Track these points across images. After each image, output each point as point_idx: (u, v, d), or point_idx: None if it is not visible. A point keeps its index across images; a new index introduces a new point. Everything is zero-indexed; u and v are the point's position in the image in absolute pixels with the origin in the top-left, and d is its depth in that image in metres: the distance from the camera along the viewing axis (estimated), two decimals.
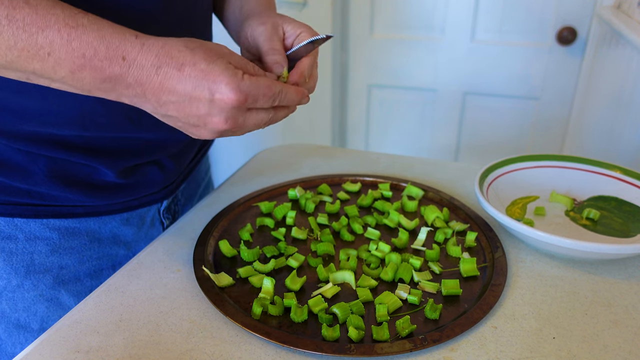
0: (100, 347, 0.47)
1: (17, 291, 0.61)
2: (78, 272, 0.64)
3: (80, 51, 0.41)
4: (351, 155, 0.88)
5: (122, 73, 0.43)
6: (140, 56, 0.43)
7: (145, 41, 0.43)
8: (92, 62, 0.42)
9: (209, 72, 0.44)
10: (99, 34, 0.42)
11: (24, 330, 0.63)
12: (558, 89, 1.67)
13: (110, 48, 0.42)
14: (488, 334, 0.48)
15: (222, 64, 0.44)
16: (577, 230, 0.64)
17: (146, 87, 0.44)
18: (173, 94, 0.44)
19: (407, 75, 1.81)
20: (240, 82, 0.44)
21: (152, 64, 0.43)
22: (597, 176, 0.71)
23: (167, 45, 0.44)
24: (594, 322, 0.50)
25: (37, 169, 0.57)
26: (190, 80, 0.44)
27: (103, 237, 0.66)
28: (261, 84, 0.46)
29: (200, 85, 0.44)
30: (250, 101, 0.46)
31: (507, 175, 0.71)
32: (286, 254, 0.60)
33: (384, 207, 0.69)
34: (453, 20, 1.68)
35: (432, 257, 0.59)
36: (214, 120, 0.45)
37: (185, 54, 0.44)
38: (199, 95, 0.44)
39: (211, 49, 0.45)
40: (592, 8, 1.54)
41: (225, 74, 0.44)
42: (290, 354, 0.46)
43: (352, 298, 0.53)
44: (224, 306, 0.51)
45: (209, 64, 0.44)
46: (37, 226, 0.60)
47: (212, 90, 0.44)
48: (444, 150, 1.89)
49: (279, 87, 0.48)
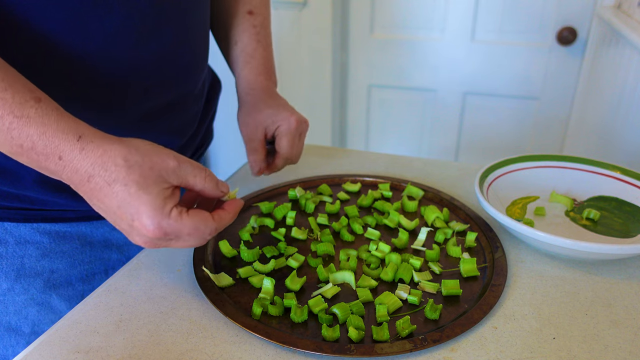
0: (100, 347, 0.47)
1: (8, 295, 0.61)
2: (69, 276, 0.64)
3: (18, 141, 0.41)
4: (351, 156, 0.88)
5: (57, 170, 0.43)
6: (76, 161, 0.43)
7: (86, 146, 0.43)
8: (29, 153, 0.42)
9: (136, 198, 0.43)
10: (42, 129, 0.42)
11: (15, 334, 0.63)
12: (558, 89, 1.67)
13: (48, 146, 0.42)
14: (488, 334, 0.48)
15: (153, 193, 0.43)
16: (577, 230, 0.64)
17: (78, 188, 0.44)
18: (101, 202, 0.44)
19: (407, 75, 1.80)
20: (162, 220, 0.44)
21: (86, 171, 0.43)
22: (597, 176, 0.71)
23: (105, 155, 0.43)
24: (594, 322, 0.50)
25: (26, 173, 0.57)
26: (117, 199, 0.43)
27: (95, 241, 0.65)
28: (186, 225, 0.45)
29: (124, 207, 0.43)
30: (173, 237, 0.45)
31: (507, 176, 0.71)
32: (286, 254, 0.60)
33: (384, 207, 0.69)
34: (453, 20, 1.68)
35: (432, 257, 0.59)
36: (136, 239, 0.46)
37: (120, 170, 0.43)
38: (121, 214, 0.44)
39: (151, 167, 0.44)
40: (592, 8, 1.53)
41: (149, 206, 0.43)
42: (290, 354, 0.46)
43: (352, 298, 0.53)
44: (224, 306, 0.51)
45: (139, 190, 0.43)
46: (27, 230, 0.60)
47: (132, 217, 0.43)
48: (444, 150, 1.89)
49: (209, 227, 0.47)
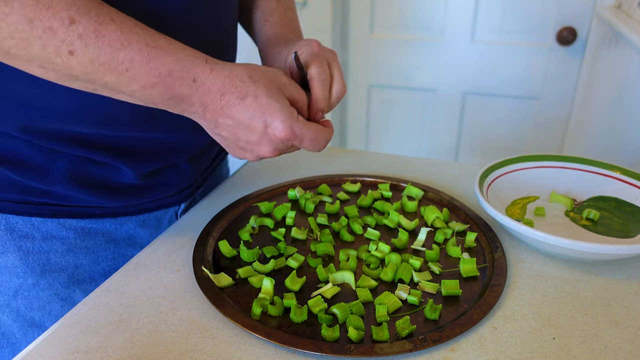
0: (99, 347, 0.47)
1: (33, 290, 0.62)
2: (93, 272, 0.65)
3: (157, 70, 0.44)
4: (351, 155, 0.88)
5: (190, 94, 0.46)
6: (208, 81, 0.46)
7: (214, 67, 0.46)
8: (165, 81, 0.44)
9: (267, 106, 0.47)
10: (175, 56, 0.44)
11: (39, 329, 0.64)
12: (558, 89, 1.67)
13: (183, 70, 0.45)
14: (488, 334, 0.48)
15: (281, 101, 0.48)
16: (577, 230, 0.64)
17: (208, 109, 0.47)
18: (231, 119, 0.47)
19: (407, 75, 1.81)
20: (294, 123, 0.48)
21: (218, 89, 0.46)
22: (597, 176, 0.71)
23: (232, 74, 0.47)
24: (594, 322, 0.50)
25: (56, 169, 0.58)
26: (250, 111, 0.47)
27: (119, 237, 0.66)
28: (311, 131, 0.50)
29: (257, 117, 0.47)
30: (297, 141, 0.50)
31: (507, 176, 0.71)
32: (286, 255, 0.60)
33: (383, 208, 0.69)
34: (453, 20, 1.68)
35: (432, 257, 0.59)
36: (262, 149, 0.50)
37: (249, 85, 0.47)
38: (254, 125, 0.48)
39: (271, 80, 0.48)
40: (592, 8, 1.54)
41: (281, 112, 0.47)
42: (290, 354, 0.46)
43: (352, 298, 0.53)
44: (224, 306, 0.51)
45: (269, 99, 0.47)
46: (54, 226, 0.61)
47: (266, 123, 0.48)
48: (444, 150, 1.89)
49: (324, 137, 0.52)
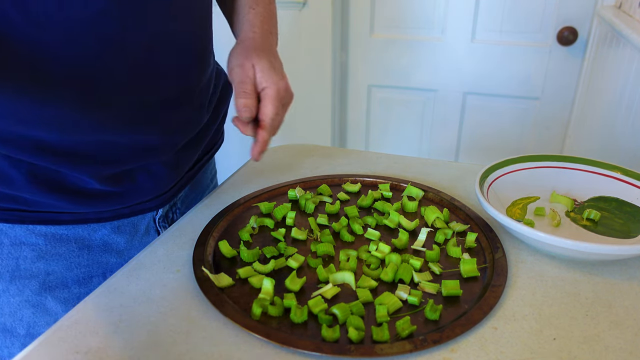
0: (99, 348, 0.47)
1: (3, 296, 0.61)
2: (66, 278, 0.63)
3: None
4: (351, 156, 0.88)
5: None
6: None
7: None
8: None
9: None
10: None
11: (10, 335, 0.63)
12: (558, 89, 1.67)
13: None
14: (488, 334, 0.48)
15: None
16: (578, 231, 0.64)
17: None
18: None
19: (407, 75, 1.80)
20: None
21: None
22: (598, 177, 0.71)
23: None
24: (594, 323, 0.50)
25: (19, 174, 0.56)
26: None
27: (93, 244, 0.65)
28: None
29: None
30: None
31: (508, 176, 0.71)
32: (286, 255, 0.60)
33: (384, 208, 0.69)
34: (453, 20, 1.68)
35: (432, 257, 0.58)
36: None
37: None
38: None
39: None
40: (592, 8, 1.53)
41: None
42: (290, 354, 0.46)
43: (352, 299, 0.53)
44: (224, 307, 0.51)
45: None
46: (23, 232, 0.60)
47: None
48: (444, 151, 1.89)
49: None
